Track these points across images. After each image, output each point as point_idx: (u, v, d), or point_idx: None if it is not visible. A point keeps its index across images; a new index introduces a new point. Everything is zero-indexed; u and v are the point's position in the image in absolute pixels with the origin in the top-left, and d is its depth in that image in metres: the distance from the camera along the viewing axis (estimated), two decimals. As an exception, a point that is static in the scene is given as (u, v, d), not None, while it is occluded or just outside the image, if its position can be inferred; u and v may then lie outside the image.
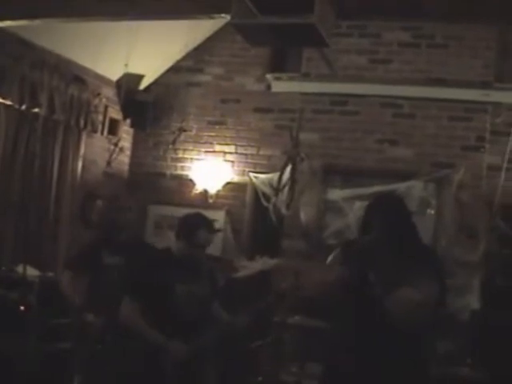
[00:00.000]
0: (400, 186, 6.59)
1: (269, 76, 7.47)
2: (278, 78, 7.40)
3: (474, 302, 6.49)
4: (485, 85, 6.81)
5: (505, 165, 6.70)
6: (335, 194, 6.91)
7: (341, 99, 7.10)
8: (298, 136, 6.41)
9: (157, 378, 4.21)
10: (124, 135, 7.86)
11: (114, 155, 7.67)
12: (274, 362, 5.60)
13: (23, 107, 6.29)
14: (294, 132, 6.38)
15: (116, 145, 7.63)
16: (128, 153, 8.02)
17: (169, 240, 4.63)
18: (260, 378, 5.66)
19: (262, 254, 6.48)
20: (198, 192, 7.59)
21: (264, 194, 7.14)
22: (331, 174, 7.03)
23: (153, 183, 7.86)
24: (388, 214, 3.90)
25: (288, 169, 6.47)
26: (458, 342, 6.16)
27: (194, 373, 4.34)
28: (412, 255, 3.73)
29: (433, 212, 6.78)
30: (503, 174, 6.67)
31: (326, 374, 4.05)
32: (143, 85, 7.81)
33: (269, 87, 7.50)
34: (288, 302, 5.88)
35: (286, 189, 6.47)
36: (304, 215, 6.90)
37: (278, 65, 7.58)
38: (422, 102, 6.92)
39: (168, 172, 7.86)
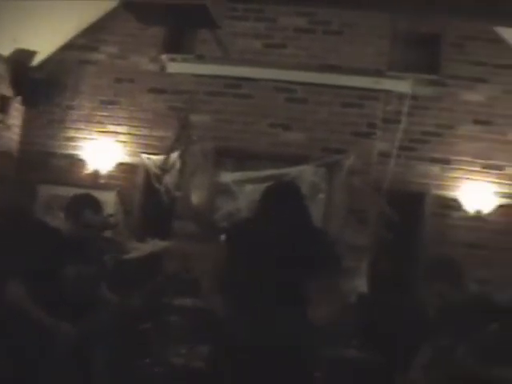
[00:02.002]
0: (291, 171, 6.64)
1: (163, 57, 7.38)
2: (172, 59, 7.32)
3: (362, 285, 6.60)
4: (377, 72, 6.92)
5: (395, 152, 6.84)
6: (227, 177, 6.90)
7: (235, 82, 7.10)
8: (188, 118, 6.36)
9: (46, 361, 4.11)
10: (14, 113, 7.61)
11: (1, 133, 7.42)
12: (162, 344, 5.57)
13: None
14: (182, 114, 6.33)
15: (2, 122, 7.37)
16: (17, 130, 7.76)
17: (59, 220, 4.54)
18: (148, 360, 5.61)
19: (152, 235, 6.44)
20: (89, 172, 7.43)
21: (156, 176, 7.06)
22: (223, 157, 7.03)
23: (44, 162, 7.63)
24: (285, 202, 3.93)
25: (176, 150, 6.41)
26: (346, 324, 6.25)
27: (83, 355, 4.26)
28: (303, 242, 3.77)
29: (323, 196, 6.85)
30: (393, 161, 6.81)
31: (217, 355, 4.04)
32: (36, 61, 7.57)
33: (163, 68, 7.40)
34: (177, 283, 5.87)
35: (174, 170, 6.41)
36: (195, 197, 6.87)
37: (174, 46, 7.48)
38: (315, 87, 6.99)
39: (59, 151, 7.65)
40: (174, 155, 6.43)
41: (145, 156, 7.28)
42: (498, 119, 7.05)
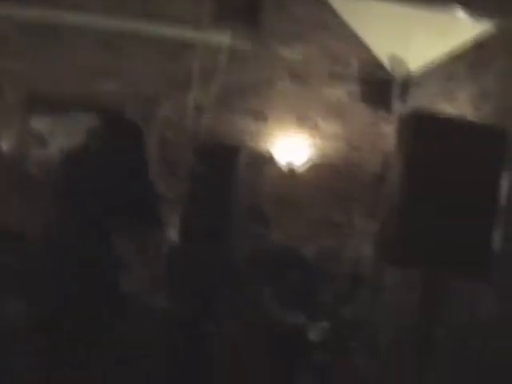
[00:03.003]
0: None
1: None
2: None
3: (173, 235, 6.63)
4: (196, 24, 6.88)
5: (210, 105, 6.87)
6: (38, 124, 6.71)
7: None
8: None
9: None
10: None
11: None
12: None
13: None
14: None
15: None
16: None
17: None
18: None
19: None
20: None
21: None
22: (35, 104, 6.81)
23: None
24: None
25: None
26: (156, 273, 6.27)
27: None
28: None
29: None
30: (208, 114, 6.84)
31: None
32: None
33: None
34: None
35: None
36: (4, 145, 6.66)
37: None
38: (134, 37, 6.88)
39: None
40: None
41: None
42: (314, 76, 7.23)
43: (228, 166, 7.09)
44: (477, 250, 3.44)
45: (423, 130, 3.50)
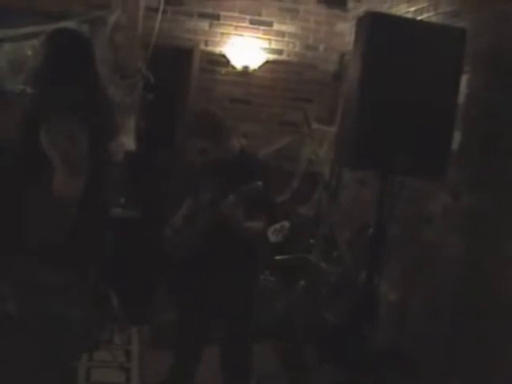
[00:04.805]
0: (52, 27, 6.28)
1: None
2: None
3: (129, 143, 6.58)
4: None
5: (162, 7, 6.71)
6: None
7: None
8: None
9: None
10: None
11: None
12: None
13: None
14: None
15: None
16: None
17: None
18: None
19: None
20: None
21: None
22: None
23: None
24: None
25: None
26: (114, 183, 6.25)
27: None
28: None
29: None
30: (160, 16, 6.69)
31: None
32: None
33: None
34: None
35: None
36: None
37: None
38: None
39: None
40: None
41: None
42: (267, -23, 7.05)
43: (182, 70, 7.00)
44: (434, 150, 3.48)
45: (380, 30, 3.46)
